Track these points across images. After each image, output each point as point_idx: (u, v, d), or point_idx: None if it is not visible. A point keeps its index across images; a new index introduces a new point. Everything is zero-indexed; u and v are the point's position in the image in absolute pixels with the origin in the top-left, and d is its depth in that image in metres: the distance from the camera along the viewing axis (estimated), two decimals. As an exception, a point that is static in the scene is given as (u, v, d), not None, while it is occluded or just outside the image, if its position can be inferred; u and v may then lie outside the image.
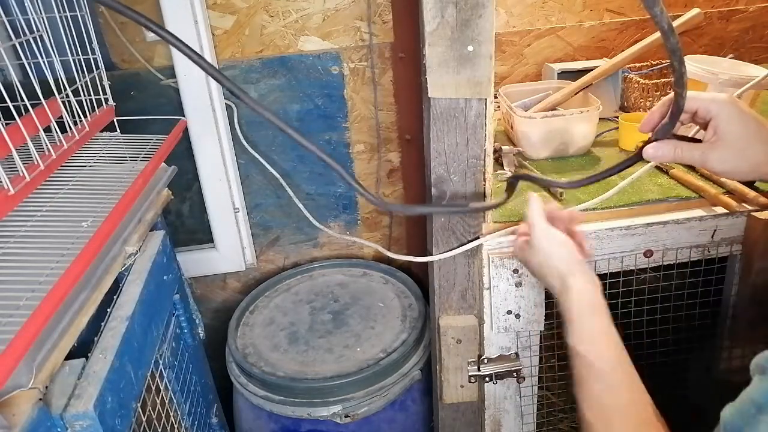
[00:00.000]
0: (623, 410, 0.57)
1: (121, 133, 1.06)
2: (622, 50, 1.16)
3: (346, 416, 1.14)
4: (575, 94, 1.12)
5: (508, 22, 1.37)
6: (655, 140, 0.61)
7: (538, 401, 1.03)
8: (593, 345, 0.61)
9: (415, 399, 1.24)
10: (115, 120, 1.05)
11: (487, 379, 0.96)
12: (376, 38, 1.33)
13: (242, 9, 1.26)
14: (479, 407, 1.00)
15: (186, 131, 1.28)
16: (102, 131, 1.03)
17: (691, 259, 0.90)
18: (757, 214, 0.84)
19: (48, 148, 0.81)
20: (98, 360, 0.67)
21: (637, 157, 0.67)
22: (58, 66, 0.88)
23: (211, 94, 1.27)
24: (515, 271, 0.87)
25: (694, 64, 1.03)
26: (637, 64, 1.25)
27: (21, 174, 0.73)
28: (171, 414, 0.92)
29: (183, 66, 1.23)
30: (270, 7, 1.27)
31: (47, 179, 0.82)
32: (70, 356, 0.65)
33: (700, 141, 0.61)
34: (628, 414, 0.57)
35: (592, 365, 0.60)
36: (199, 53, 0.55)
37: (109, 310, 0.77)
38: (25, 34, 0.84)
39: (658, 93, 1.18)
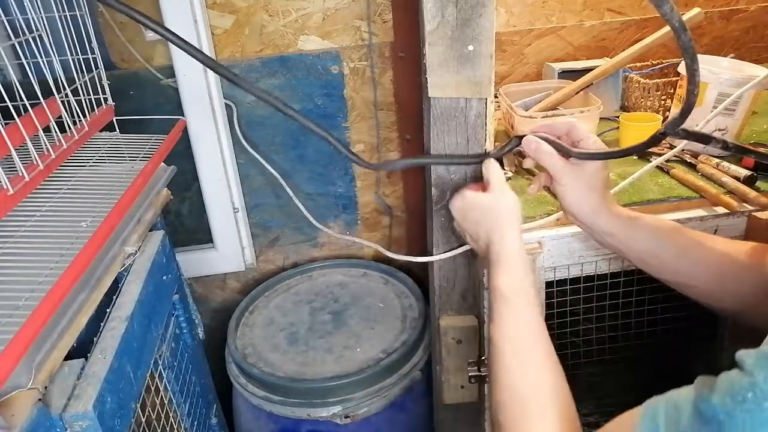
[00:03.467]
0: (534, 347, 0.58)
1: (121, 132, 1.06)
2: (623, 50, 1.16)
3: (346, 417, 1.14)
4: (576, 93, 1.12)
5: (509, 21, 1.37)
6: (663, 133, 0.60)
7: (538, 401, 1.03)
8: (517, 290, 0.62)
9: (415, 399, 1.24)
10: (114, 120, 1.04)
11: (487, 379, 0.95)
12: (376, 38, 1.32)
13: (242, 8, 1.26)
14: (480, 408, 1.00)
15: (185, 131, 1.28)
16: (101, 131, 1.03)
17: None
18: (758, 214, 0.84)
19: (47, 148, 0.81)
20: (97, 360, 0.67)
21: (643, 146, 0.66)
22: (57, 66, 0.88)
23: (211, 93, 1.27)
24: (516, 271, 0.86)
25: (695, 64, 1.03)
26: (638, 64, 1.25)
27: (20, 174, 0.73)
28: (170, 414, 0.92)
29: (182, 65, 1.23)
30: (270, 6, 1.27)
31: (46, 179, 0.82)
32: (69, 356, 0.65)
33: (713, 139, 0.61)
34: (538, 351, 0.58)
35: (509, 303, 0.60)
36: (202, 51, 0.55)
37: (108, 310, 0.76)
38: (24, 34, 0.84)
39: (659, 92, 1.18)
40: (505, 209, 0.67)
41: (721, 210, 0.88)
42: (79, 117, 0.93)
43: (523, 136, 0.73)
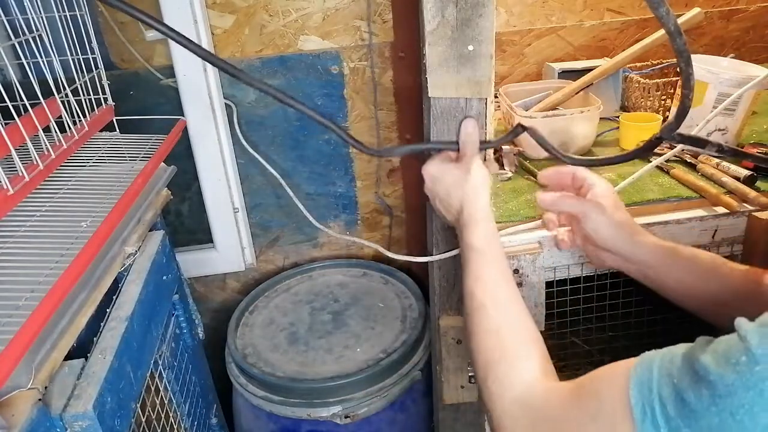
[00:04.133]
0: (512, 296, 0.62)
1: (121, 132, 1.06)
2: (623, 50, 1.16)
3: (346, 417, 1.14)
4: (576, 93, 1.12)
5: (509, 21, 1.37)
6: (659, 139, 0.61)
7: (538, 401, 1.03)
8: (493, 245, 0.66)
9: (415, 399, 1.24)
10: (114, 120, 1.04)
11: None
12: (376, 37, 1.32)
13: (242, 8, 1.26)
14: (479, 408, 1.00)
15: (185, 131, 1.28)
16: (101, 131, 1.03)
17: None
18: (758, 214, 0.84)
19: (47, 148, 0.81)
20: (97, 360, 0.67)
21: (639, 153, 0.66)
22: (57, 66, 0.88)
23: (211, 93, 1.27)
24: (516, 271, 0.87)
25: (695, 64, 1.03)
26: (638, 64, 1.25)
27: (20, 174, 0.73)
28: (170, 414, 0.92)
29: (182, 65, 1.23)
30: (270, 6, 1.27)
31: (46, 179, 0.81)
32: (69, 356, 0.65)
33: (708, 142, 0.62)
34: (516, 300, 0.62)
35: (486, 258, 0.65)
36: (205, 49, 0.55)
37: (108, 310, 0.76)
38: (24, 34, 0.84)
39: (659, 92, 1.18)
40: (475, 180, 0.70)
41: (721, 210, 0.88)
42: (79, 117, 0.93)
43: (525, 127, 0.74)
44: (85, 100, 0.95)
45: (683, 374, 0.40)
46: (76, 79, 0.93)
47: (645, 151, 0.66)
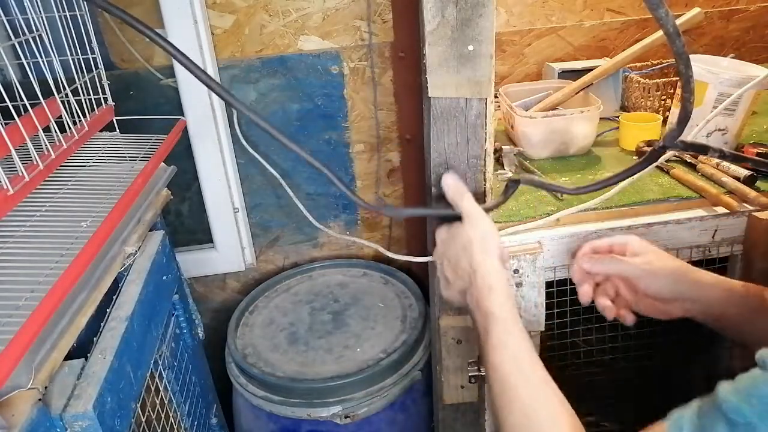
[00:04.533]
0: (535, 363, 0.59)
1: (121, 132, 1.06)
2: (623, 50, 1.16)
3: (346, 417, 1.14)
4: (576, 93, 1.12)
5: (509, 21, 1.37)
6: (663, 147, 0.61)
7: (538, 401, 1.03)
8: (511, 309, 0.63)
9: (415, 400, 1.24)
10: (114, 120, 1.04)
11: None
12: (376, 37, 1.32)
13: (242, 8, 1.26)
14: (480, 408, 1.00)
15: (185, 131, 1.28)
16: (101, 131, 1.03)
17: (692, 260, 0.90)
18: (758, 215, 0.84)
19: (47, 148, 0.81)
20: (97, 360, 0.67)
21: (644, 165, 0.66)
22: (57, 66, 0.88)
23: (211, 93, 1.27)
24: (515, 271, 0.87)
25: (695, 64, 1.02)
26: (638, 64, 1.25)
27: (20, 174, 0.73)
28: (170, 414, 0.92)
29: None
30: (270, 6, 1.27)
31: (46, 179, 0.81)
32: (69, 356, 0.65)
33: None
34: (540, 367, 0.59)
35: (507, 324, 0.61)
36: (192, 60, 0.55)
37: (108, 310, 0.76)
38: (24, 34, 0.84)
39: (659, 92, 1.18)
40: (480, 235, 0.67)
41: (721, 210, 0.88)
42: (79, 117, 0.93)
43: (518, 180, 0.74)
44: (85, 100, 0.95)
45: (718, 426, 0.39)
46: (76, 79, 0.93)
47: (650, 162, 0.66)
